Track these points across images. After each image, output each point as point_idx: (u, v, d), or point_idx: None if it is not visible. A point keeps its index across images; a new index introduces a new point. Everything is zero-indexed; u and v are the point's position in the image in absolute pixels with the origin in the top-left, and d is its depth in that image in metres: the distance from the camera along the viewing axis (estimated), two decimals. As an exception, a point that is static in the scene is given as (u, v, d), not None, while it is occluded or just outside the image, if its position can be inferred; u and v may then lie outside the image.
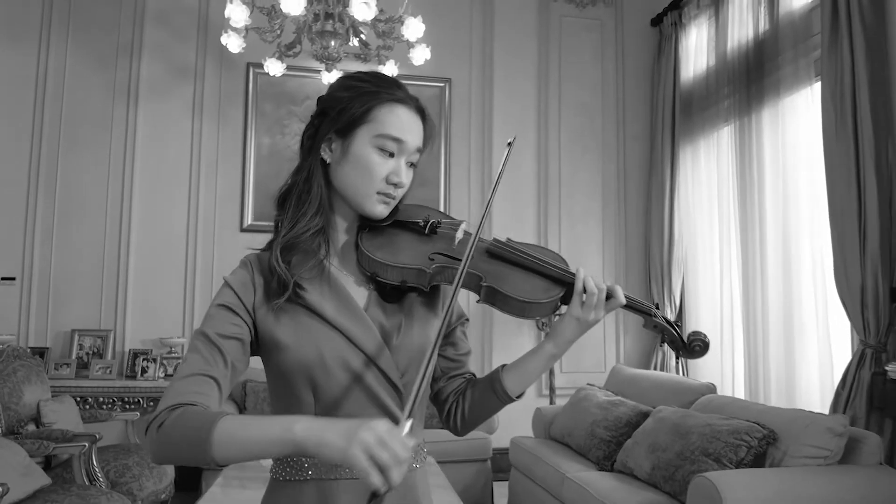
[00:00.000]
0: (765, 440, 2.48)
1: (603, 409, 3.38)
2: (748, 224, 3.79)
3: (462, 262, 0.97)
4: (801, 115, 3.45)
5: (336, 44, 3.18)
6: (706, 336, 1.11)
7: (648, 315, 1.10)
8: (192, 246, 4.46)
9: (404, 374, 1.04)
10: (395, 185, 1.04)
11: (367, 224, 1.08)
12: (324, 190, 1.05)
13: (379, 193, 1.03)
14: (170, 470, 3.30)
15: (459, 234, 1.09)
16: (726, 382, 4.05)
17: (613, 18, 5.11)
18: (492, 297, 1.05)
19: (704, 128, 4.35)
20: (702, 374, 4.28)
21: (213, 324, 0.98)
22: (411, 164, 1.07)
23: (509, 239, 1.13)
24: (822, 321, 3.25)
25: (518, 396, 1.11)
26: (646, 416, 3.17)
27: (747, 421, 2.57)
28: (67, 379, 4.02)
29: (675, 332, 1.10)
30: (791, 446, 2.41)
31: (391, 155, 1.03)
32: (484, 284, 1.04)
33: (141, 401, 4.02)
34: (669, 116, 4.64)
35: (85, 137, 4.38)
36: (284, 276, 1.00)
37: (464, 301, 3.82)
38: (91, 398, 4.00)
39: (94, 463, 2.89)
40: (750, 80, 3.80)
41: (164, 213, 4.45)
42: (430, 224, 1.09)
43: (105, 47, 4.45)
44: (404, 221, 1.09)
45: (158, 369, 4.15)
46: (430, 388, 1.17)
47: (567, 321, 1.06)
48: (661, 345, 1.12)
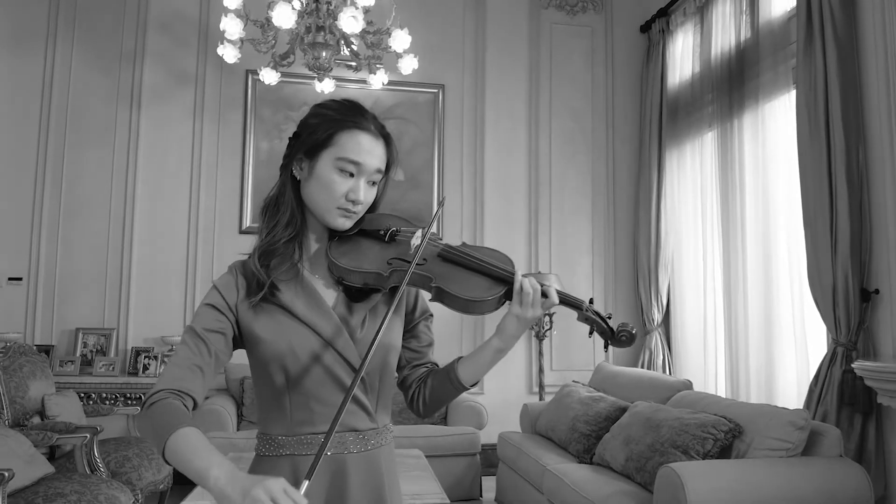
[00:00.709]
0: (730, 433, 2.59)
1: (584, 404, 3.49)
2: (730, 226, 3.89)
3: (410, 264, 1.12)
4: (779, 120, 3.53)
5: (327, 54, 3.31)
6: (634, 328, 1.23)
7: (580, 309, 1.22)
8: (193, 248, 4.60)
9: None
10: (354, 202, 1.18)
11: (336, 233, 1.22)
12: (294, 203, 1.20)
13: (339, 209, 1.18)
14: (168, 462, 3.42)
15: (415, 241, 1.23)
16: (709, 379, 4.15)
17: (603, 25, 5.21)
18: (440, 295, 1.19)
19: (690, 132, 4.45)
20: (686, 372, 4.39)
21: (200, 320, 1.14)
22: (373, 183, 1.21)
23: (464, 243, 1.27)
24: (798, 320, 3.35)
25: (472, 385, 1.24)
26: (624, 411, 3.27)
27: (715, 415, 2.68)
28: (72, 375, 4.15)
29: (604, 325, 1.22)
30: (755, 439, 2.52)
31: (351, 175, 1.17)
32: (433, 285, 1.18)
33: (143, 397, 4.10)
34: (657, 121, 4.74)
35: (89, 141, 4.53)
36: (261, 277, 1.16)
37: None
38: (94, 394, 4.13)
39: (96, 453, 3.02)
40: (732, 87, 3.89)
41: (165, 215, 4.59)
42: (389, 232, 1.23)
43: (109, 54, 4.60)
44: (368, 230, 1.24)
45: (160, 366, 4.28)
46: (397, 375, 1.31)
47: (509, 318, 1.19)
48: (591, 335, 1.21)
